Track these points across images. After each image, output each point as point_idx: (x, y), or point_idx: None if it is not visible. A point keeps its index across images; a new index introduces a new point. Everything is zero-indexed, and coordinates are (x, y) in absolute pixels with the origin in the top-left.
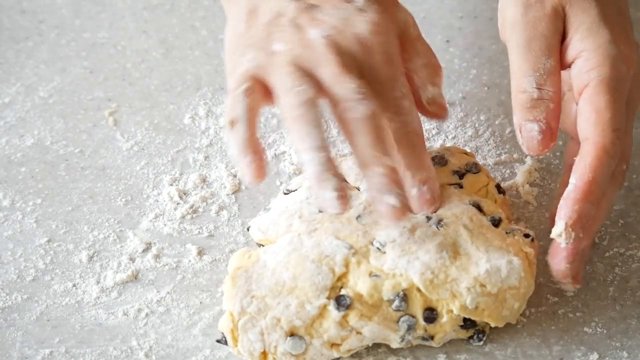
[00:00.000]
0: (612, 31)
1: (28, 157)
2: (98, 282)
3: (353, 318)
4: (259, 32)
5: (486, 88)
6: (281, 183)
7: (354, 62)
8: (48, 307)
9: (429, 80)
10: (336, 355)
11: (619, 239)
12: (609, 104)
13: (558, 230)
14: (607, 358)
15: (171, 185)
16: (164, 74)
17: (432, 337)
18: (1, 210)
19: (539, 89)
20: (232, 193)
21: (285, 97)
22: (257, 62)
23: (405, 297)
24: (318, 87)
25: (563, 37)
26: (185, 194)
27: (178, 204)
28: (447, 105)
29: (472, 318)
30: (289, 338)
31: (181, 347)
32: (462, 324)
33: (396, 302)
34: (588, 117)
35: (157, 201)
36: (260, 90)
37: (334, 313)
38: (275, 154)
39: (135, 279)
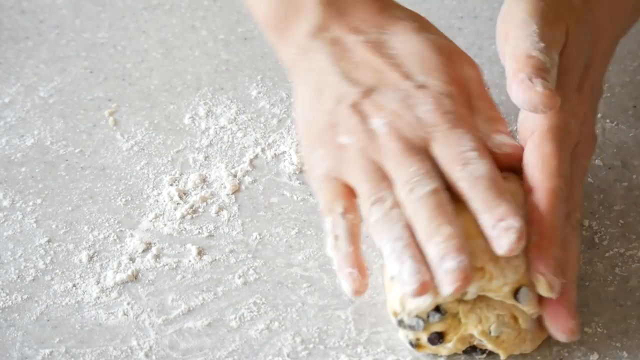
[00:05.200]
0: None
1: (28, 157)
2: (98, 282)
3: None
4: (324, 124)
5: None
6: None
7: (416, 144)
8: (48, 307)
9: (491, 131)
10: None
11: (619, 239)
12: (555, 151)
13: (544, 285)
14: (607, 358)
15: (171, 185)
16: (164, 74)
17: (414, 345)
18: (1, 210)
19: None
20: (232, 193)
21: (366, 207)
22: (329, 162)
23: (443, 314)
24: (388, 181)
25: None
26: (185, 194)
27: (178, 204)
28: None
29: (487, 346)
30: None
31: (181, 347)
32: (463, 350)
33: (435, 317)
34: (535, 164)
35: (157, 201)
36: (351, 199)
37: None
38: (275, 154)
39: (135, 279)
